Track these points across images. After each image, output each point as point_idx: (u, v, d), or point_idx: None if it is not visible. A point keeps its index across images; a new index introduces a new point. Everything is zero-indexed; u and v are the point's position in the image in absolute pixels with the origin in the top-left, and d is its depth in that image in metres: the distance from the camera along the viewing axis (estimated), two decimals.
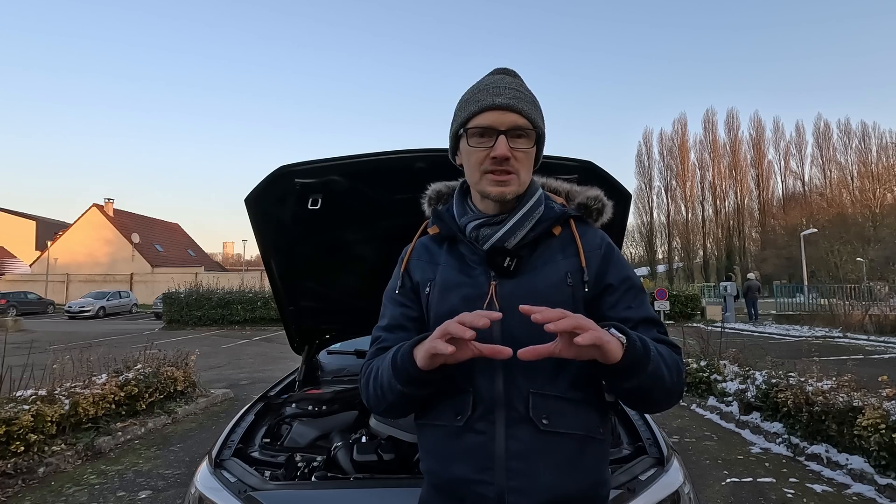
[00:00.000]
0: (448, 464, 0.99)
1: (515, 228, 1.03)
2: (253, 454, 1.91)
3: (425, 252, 1.13)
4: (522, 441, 0.95)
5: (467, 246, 1.07)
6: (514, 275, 1.01)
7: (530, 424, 0.95)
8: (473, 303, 1.00)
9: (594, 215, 1.13)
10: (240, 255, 78.58)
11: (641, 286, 1.08)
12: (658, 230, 54.48)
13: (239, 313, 19.30)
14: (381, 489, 1.51)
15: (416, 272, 1.12)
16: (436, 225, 1.13)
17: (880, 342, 12.17)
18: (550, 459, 0.95)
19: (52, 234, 40.97)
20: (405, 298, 1.11)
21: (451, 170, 1.17)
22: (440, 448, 1.01)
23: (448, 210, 1.13)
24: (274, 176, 1.81)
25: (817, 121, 52.63)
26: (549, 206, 1.08)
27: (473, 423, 0.97)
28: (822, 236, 32.20)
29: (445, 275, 1.07)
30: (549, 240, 1.06)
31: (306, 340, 2.74)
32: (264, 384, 5.79)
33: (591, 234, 1.09)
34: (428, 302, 1.07)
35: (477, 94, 1.03)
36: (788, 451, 4.52)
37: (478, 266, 1.04)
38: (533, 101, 1.04)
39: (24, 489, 3.85)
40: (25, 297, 28.44)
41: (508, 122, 0.99)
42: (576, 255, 1.04)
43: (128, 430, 5.13)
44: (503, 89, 1.01)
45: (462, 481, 0.96)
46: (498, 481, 0.93)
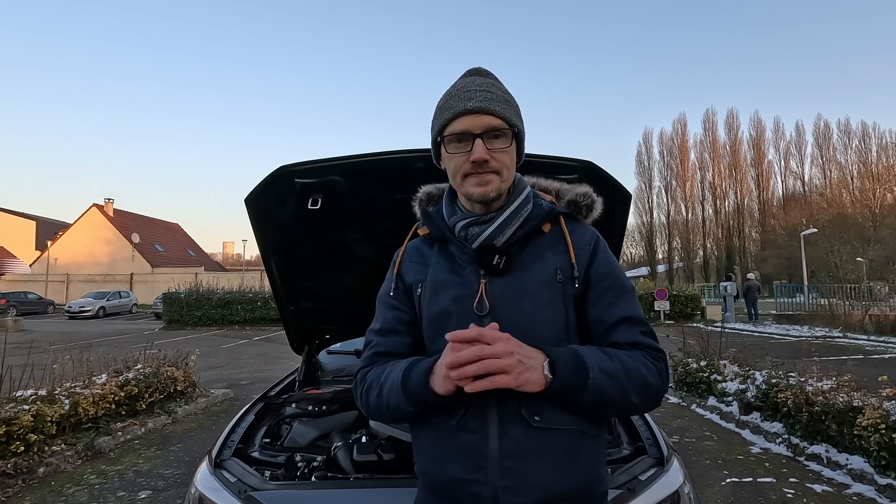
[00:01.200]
0: (442, 464, 0.99)
1: (504, 226, 1.03)
2: (253, 454, 1.91)
3: (416, 254, 1.14)
4: (515, 439, 0.94)
5: (457, 245, 1.07)
6: (504, 273, 1.02)
7: (523, 422, 0.94)
8: (464, 302, 1.01)
9: (584, 211, 1.13)
10: (240, 255, 78.61)
11: (627, 284, 1.07)
12: (658, 230, 54.51)
13: (239, 313, 19.31)
14: (381, 489, 1.51)
15: (407, 274, 1.12)
16: (426, 226, 1.13)
17: (880, 342, 12.17)
18: (544, 457, 0.94)
19: (52, 234, 40.97)
20: (398, 302, 1.11)
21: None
22: (434, 448, 1.01)
23: (438, 211, 1.14)
24: (274, 176, 1.81)
25: (817, 121, 52.81)
26: (537, 204, 1.08)
27: (466, 422, 0.96)
28: (822, 236, 32.20)
29: (436, 275, 1.07)
30: (539, 237, 1.07)
31: (306, 340, 2.74)
32: (264, 384, 5.78)
33: (580, 230, 1.09)
34: (420, 303, 1.08)
35: (450, 101, 1.04)
36: (788, 451, 4.52)
37: (468, 265, 1.05)
38: (506, 99, 1.04)
39: (24, 489, 3.85)
40: (25, 297, 28.45)
41: (483, 124, 1.00)
42: (565, 251, 1.05)
43: (128, 430, 5.13)
44: (474, 92, 1.02)
45: (456, 481, 0.96)
46: (492, 480, 0.93)
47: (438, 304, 1.04)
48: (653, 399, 0.99)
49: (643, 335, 1.02)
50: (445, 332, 0.94)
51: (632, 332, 1.01)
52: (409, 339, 1.09)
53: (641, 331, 1.02)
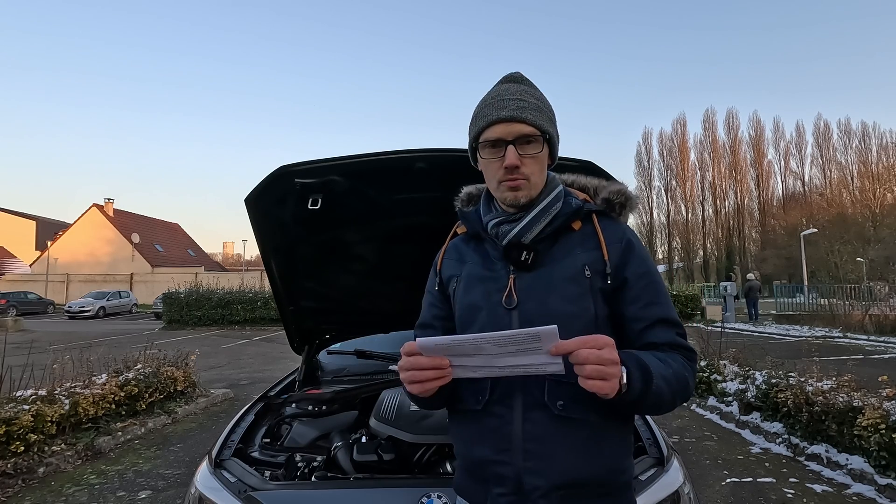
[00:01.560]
0: (471, 445, 1.07)
1: (532, 224, 1.08)
2: (253, 454, 1.91)
3: (455, 251, 1.21)
4: (538, 425, 1.00)
5: (490, 242, 1.14)
6: (531, 268, 1.07)
7: (545, 409, 1.00)
8: (494, 296, 1.07)
9: (617, 209, 1.16)
10: (240, 255, 78.59)
11: (662, 284, 1.11)
12: (658, 230, 54.54)
13: (239, 313, 19.29)
14: (381, 489, 1.51)
15: (445, 270, 1.20)
16: (463, 225, 1.21)
17: (880, 342, 12.17)
18: (566, 444, 0.99)
19: (52, 234, 40.96)
20: (435, 298, 1.20)
21: (450, 170, 1.18)
22: (464, 431, 1.09)
23: (475, 210, 1.20)
24: (274, 176, 1.81)
25: (817, 121, 52.76)
26: (566, 202, 1.12)
27: (492, 406, 1.03)
28: (822, 236, 32.21)
29: (470, 270, 1.14)
30: (569, 234, 1.11)
31: (306, 340, 2.74)
32: (264, 384, 5.78)
33: (613, 228, 1.12)
34: (454, 296, 1.15)
35: (484, 109, 1.09)
36: (788, 451, 4.52)
37: (498, 261, 1.11)
38: (538, 106, 1.08)
39: (24, 489, 3.85)
40: (25, 297, 28.44)
41: (515, 132, 1.05)
42: (596, 248, 1.08)
43: (128, 430, 5.13)
44: (508, 101, 1.06)
45: (484, 462, 1.03)
46: (515, 462, 1.00)
47: (470, 298, 1.11)
48: (686, 398, 1.04)
49: (679, 336, 1.06)
50: (475, 324, 1.07)
51: (668, 333, 1.05)
52: (440, 333, 1.15)
53: (677, 332, 1.06)
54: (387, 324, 2.83)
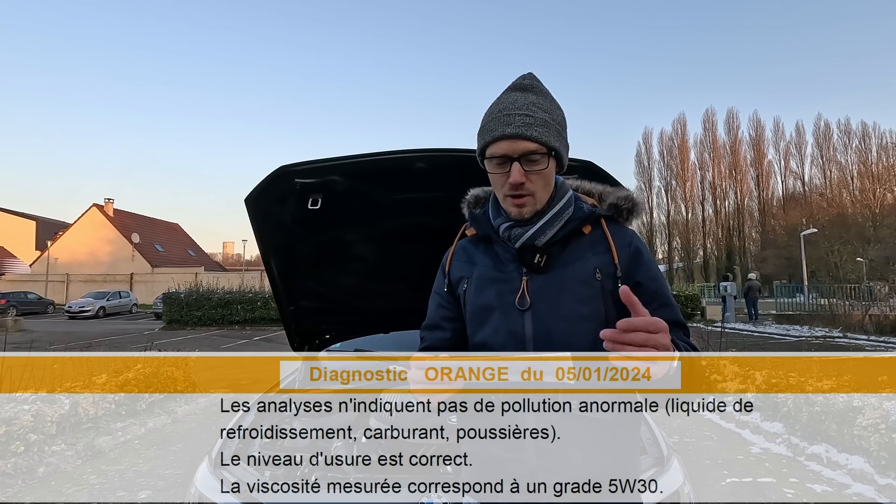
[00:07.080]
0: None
1: (545, 228, 1.10)
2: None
3: (464, 253, 1.22)
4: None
5: (501, 245, 1.14)
6: (544, 270, 1.09)
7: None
8: (506, 297, 1.09)
9: (624, 214, 1.18)
10: (240, 255, 78.46)
11: (668, 287, 1.14)
12: (658, 230, 54.48)
13: (239, 313, 19.27)
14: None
15: (454, 272, 1.20)
16: (473, 227, 1.21)
17: (880, 342, 12.16)
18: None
19: (52, 234, 40.95)
20: (443, 299, 1.21)
21: (450, 170, 1.18)
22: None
23: (485, 213, 1.21)
24: (274, 176, 1.82)
25: (817, 121, 52.21)
26: (578, 207, 1.14)
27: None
28: (822, 236, 32.18)
29: (481, 272, 1.15)
30: (580, 238, 1.13)
31: (306, 340, 2.74)
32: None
33: (621, 232, 1.14)
34: (465, 297, 1.16)
35: (490, 123, 1.08)
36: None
37: (511, 263, 1.12)
38: (545, 121, 1.07)
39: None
40: (25, 297, 28.41)
41: (520, 149, 1.05)
42: (607, 251, 1.10)
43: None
44: (514, 116, 1.06)
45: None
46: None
47: (482, 299, 1.12)
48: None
49: (686, 337, 1.10)
50: (488, 325, 1.09)
51: (678, 335, 1.07)
52: (449, 335, 1.18)
53: (685, 333, 1.10)
54: (387, 324, 2.83)
